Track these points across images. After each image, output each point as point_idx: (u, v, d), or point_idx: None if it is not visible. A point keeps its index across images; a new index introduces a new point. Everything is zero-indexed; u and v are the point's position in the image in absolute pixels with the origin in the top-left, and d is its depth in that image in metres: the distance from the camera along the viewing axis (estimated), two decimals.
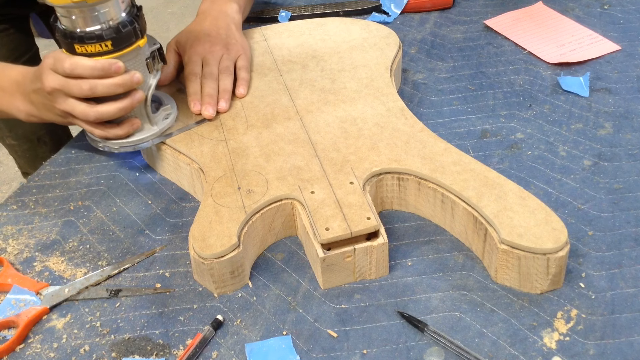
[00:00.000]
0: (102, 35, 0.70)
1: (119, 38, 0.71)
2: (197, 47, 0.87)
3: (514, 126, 0.85)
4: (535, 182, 0.76)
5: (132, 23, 0.71)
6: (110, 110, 0.73)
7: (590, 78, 0.92)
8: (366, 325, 0.63)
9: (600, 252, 0.68)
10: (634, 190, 0.74)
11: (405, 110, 0.80)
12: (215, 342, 0.63)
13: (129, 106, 0.74)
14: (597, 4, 1.09)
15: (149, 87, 0.77)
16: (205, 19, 0.91)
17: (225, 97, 0.83)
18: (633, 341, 0.59)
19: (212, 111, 0.81)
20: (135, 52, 0.73)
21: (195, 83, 0.84)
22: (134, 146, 0.78)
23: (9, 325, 0.66)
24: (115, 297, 0.68)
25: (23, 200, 0.81)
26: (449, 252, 0.69)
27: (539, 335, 0.61)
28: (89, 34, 0.70)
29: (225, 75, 0.85)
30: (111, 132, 0.76)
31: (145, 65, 0.76)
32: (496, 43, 1.02)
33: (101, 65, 0.70)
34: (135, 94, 0.74)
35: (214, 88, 0.83)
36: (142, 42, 0.73)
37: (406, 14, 1.11)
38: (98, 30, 0.70)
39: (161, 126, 0.80)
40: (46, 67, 0.72)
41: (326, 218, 0.66)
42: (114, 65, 0.71)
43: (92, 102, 0.73)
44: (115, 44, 0.71)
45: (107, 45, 0.70)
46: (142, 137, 0.78)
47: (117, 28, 0.70)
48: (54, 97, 0.73)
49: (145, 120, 0.79)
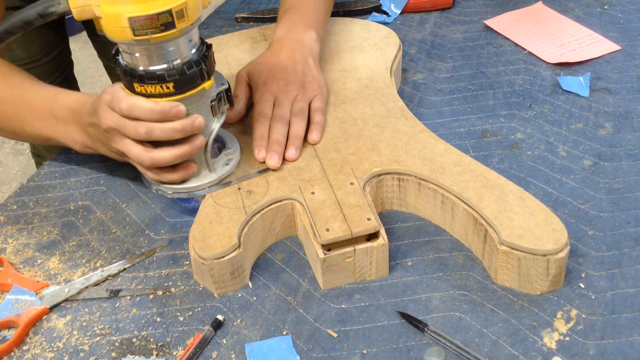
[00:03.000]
0: (164, 76, 0.63)
1: (182, 80, 0.64)
2: (271, 84, 0.79)
3: (514, 126, 0.85)
4: (535, 182, 0.76)
5: (199, 64, 0.65)
6: (166, 157, 0.68)
7: (590, 78, 0.92)
8: (366, 325, 0.63)
9: (600, 252, 0.68)
10: (634, 190, 0.74)
11: (405, 111, 0.80)
12: (215, 342, 0.63)
13: (187, 153, 0.68)
14: (597, 4, 1.09)
15: (211, 131, 0.70)
16: (282, 50, 0.83)
17: (296, 144, 0.75)
18: (633, 341, 0.60)
19: (278, 160, 0.73)
20: (200, 94, 0.66)
21: (263, 126, 0.76)
22: (189, 193, 0.72)
23: (9, 325, 0.66)
24: (115, 297, 0.68)
25: (23, 200, 0.81)
26: (449, 252, 0.69)
27: (539, 335, 0.61)
28: (149, 74, 0.63)
29: (298, 119, 0.77)
30: (165, 177, 0.71)
31: (210, 108, 0.68)
32: (496, 43, 1.02)
33: (160, 109, 0.64)
34: (195, 140, 0.68)
35: (283, 134, 0.75)
36: (208, 85, 0.66)
37: (406, 14, 1.11)
38: (160, 71, 0.63)
39: (220, 173, 0.72)
40: (103, 103, 0.67)
41: (326, 219, 0.66)
42: (174, 109, 0.65)
43: (148, 145, 0.68)
44: (177, 86, 0.64)
45: (169, 87, 0.64)
46: (198, 185, 0.71)
47: (181, 69, 0.64)
48: (111, 135, 0.69)
49: (203, 166, 0.72)
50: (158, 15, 0.59)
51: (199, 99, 0.67)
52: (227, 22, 1.14)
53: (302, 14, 0.88)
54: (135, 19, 0.59)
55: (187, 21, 0.61)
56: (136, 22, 0.59)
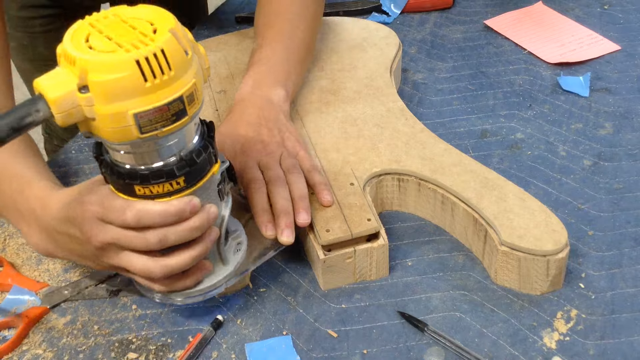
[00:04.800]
0: (174, 172, 0.53)
1: (194, 171, 0.54)
2: (249, 152, 0.69)
3: (514, 126, 0.85)
4: (535, 182, 0.76)
5: (207, 148, 0.55)
6: (183, 261, 0.57)
7: (590, 78, 0.92)
8: (366, 325, 0.63)
9: (600, 252, 0.68)
10: (634, 190, 0.74)
11: (405, 111, 0.80)
12: (216, 342, 0.63)
13: (204, 252, 0.57)
14: (597, 4, 1.09)
15: (222, 219, 0.60)
16: (248, 110, 0.74)
17: (304, 206, 0.65)
18: (633, 341, 0.60)
19: (291, 235, 0.63)
20: (209, 182, 0.57)
21: (261, 194, 0.65)
22: (205, 294, 0.61)
23: (9, 325, 0.66)
24: (115, 297, 0.68)
25: None
26: (449, 252, 0.69)
27: (539, 335, 0.61)
28: (155, 172, 0.52)
29: (295, 177, 0.67)
30: (178, 285, 0.59)
31: (217, 193, 0.58)
32: (496, 43, 1.02)
33: (175, 210, 0.54)
34: (210, 234, 0.57)
35: (287, 198, 0.65)
36: (216, 168, 0.57)
37: (406, 14, 1.11)
38: (169, 166, 0.53)
39: (234, 262, 0.62)
40: (91, 216, 0.55)
41: (327, 219, 0.66)
42: (190, 205, 0.54)
43: (157, 253, 0.57)
44: (189, 179, 0.54)
45: (180, 183, 0.54)
46: (214, 282, 0.61)
47: (190, 159, 0.53)
48: (105, 251, 0.57)
49: (216, 260, 0.61)
50: (169, 105, 0.49)
51: (208, 187, 0.57)
52: (227, 22, 1.14)
53: (268, 68, 0.79)
54: (142, 114, 0.48)
55: (197, 104, 0.52)
56: (143, 117, 0.49)
